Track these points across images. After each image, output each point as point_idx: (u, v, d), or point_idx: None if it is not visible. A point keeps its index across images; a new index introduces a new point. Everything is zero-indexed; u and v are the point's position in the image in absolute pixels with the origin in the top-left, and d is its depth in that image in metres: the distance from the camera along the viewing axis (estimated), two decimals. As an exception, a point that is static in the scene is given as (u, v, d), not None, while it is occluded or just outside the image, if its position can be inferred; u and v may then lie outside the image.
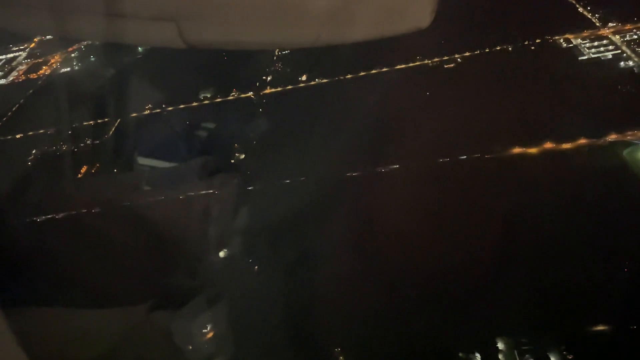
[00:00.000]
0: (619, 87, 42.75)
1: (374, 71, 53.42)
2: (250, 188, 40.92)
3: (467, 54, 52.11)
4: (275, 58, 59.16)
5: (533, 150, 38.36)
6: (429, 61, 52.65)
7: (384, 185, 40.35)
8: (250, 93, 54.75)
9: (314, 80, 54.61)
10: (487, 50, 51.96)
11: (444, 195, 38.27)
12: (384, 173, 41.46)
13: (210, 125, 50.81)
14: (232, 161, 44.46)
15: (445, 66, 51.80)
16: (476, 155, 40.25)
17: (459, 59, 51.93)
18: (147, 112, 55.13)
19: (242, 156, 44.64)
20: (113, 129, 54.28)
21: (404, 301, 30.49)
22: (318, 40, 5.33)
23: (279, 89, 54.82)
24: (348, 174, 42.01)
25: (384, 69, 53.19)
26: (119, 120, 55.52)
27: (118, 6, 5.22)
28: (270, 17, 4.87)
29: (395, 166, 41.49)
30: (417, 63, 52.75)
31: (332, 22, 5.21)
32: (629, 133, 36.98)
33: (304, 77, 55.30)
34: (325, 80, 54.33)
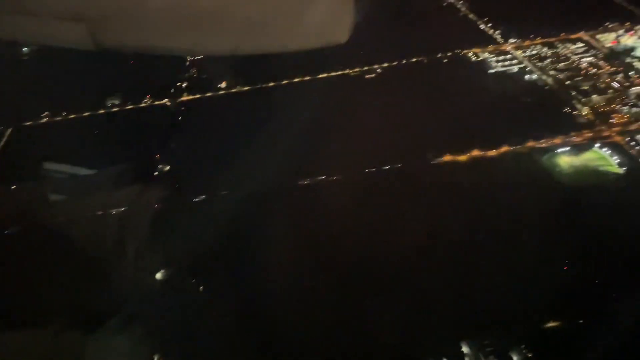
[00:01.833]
0: (526, 98, 46.68)
1: (296, 80, 52.90)
2: (179, 201, 38.40)
3: (386, 64, 53.70)
4: (188, 64, 56.13)
5: (462, 158, 40.21)
6: (351, 71, 53.42)
7: (312, 196, 39.84)
8: (166, 100, 51.26)
9: (235, 88, 52.67)
10: (404, 61, 54.02)
11: (376, 206, 38.52)
12: (309, 184, 40.86)
13: (125, 133, 47.14)
14: (156, 173, 41.20)
15: (366, 76, 52.91)
16: (399, 165, 41.03)
17: (378, 70, 53.33)
18: (45, 119, 49.38)
19: (167, 168, 41.46)
20: (4, 140, 48.00)
21: (362, 310, 30.12)
22: (237, 50, 5.42)
23: (197, 95, 52.06)
24: (277, 185, 40.79)
25: (307, 78, 52.98)
26: (10, 130, 49.15)
27: (24, 4, 4.84)
28: (188, 24, 4.74)
29: (321, 177, 41.13)
30: (339, 73, 53.31)
31: (251, 33, 5.25)
32: (544, 140, 40.36)
33: (223, 84, 53.08)
34: (246, 88, 52.66)
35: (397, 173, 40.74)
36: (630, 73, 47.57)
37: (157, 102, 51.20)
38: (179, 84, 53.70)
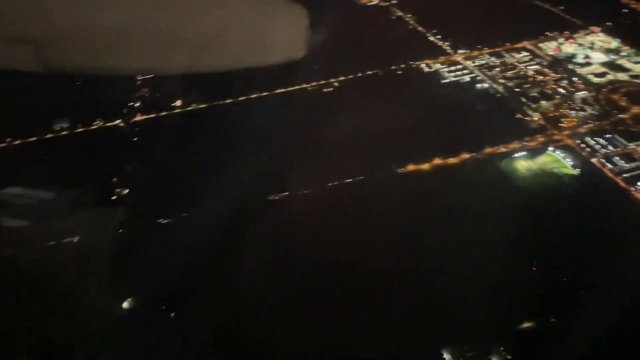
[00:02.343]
0: (480, 106, 48.21)
1: (254, 96, 52.45)
2: (142, 225, 36.87)
3: (343, 78, 54.21)
4: (139, 83, 54.57)
5: (426, 167, 40.89)
6: (308, 86, 53.54)
7: (279, 213, 39.34)
8: (119, 121, 49.47)
9: (191, 106, 51.58)
10: (360, 75, 54.73)
11: (344, 219, 38.40)
12: (275, 201, 40.37)
13: (77, 157, 45.02)
14: (114, 197, 39.48)
15: (324, 90, 53.16)
16: (362, 178, 41.20)
17: (335, 84, 53.73)
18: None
19: (126, 191, 39.83)
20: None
21: (341, 322, 29.77)
22: (192, 68, 5.30)
23: (151, 115, 50.56)
24: (242, 202, 39.98)
25: (265, 94, 52.64)
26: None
27: None
28: (140, 43, 4.64)
29: (285, 194, 40.72)
30: (297, 87, 53.30)
31: (207, 51, 5.17)
32: (502, 146, 41.70)
33: (178, 103, 51.86)
34: (203, 106, 51.67)
35: (361, 185, 40.88)
36: (573, 79, 50.12)
37: (109, 124, 49.35)
38: (131, 104, 52.09)
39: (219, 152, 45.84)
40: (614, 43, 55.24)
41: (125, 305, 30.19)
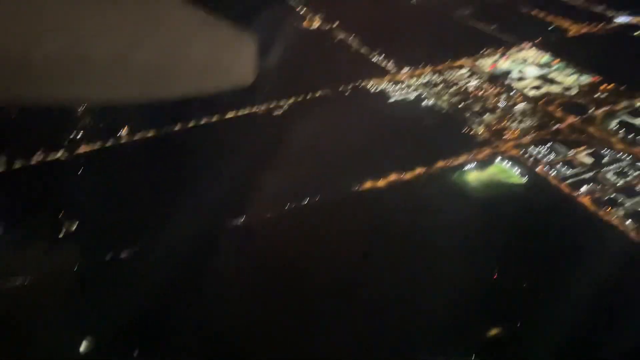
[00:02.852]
0: (428, 122, 49.79)
1: (203, 121, 51.66)
2: (95, 262, 35.02)
3: (292, 100, 54.50)
4: (80, 112, 52.52)
5: (381, 184, 41.52)
6: (257, 109, 53.40)
7: (235, 240, 38.68)
8: (61, 153, 47.14)
9: (138, 134, 50.03)
10: (308, 96, 55.23)
11: (303, 242, 38.13)
12: (231, 228, 39.64)
13: (18, 194, 42.41)
14: (62, 235, 37.38)
15: (274, 114, 53.19)
16: (318, 199, 41.28)
17: (285, 106, 53.92)
18: None
19: (74, 227, 37.84)
20: None
21: (310, 344, 29.36)
22: (139, 97, 5.17)
23: (96, 146, 48.59)
24: (198, 231, 38.98)
25: (214, 119, 51.95)
26: None
27: None
28: (82, 73, 4.39)
29: (241, 219, 40.11)
30: (247, 112, 53.02)
31: (154, 79, 5.08)
32: (453, 159, 43.08)
33: (124, 131, 50.19)
34: (151, 134, 50.26)
35: (318, 206, 40.90)
36: (511, 93, 52.86)
37: (50, 158, 46.92)
38: (73, 135, 49.91)
39: (171, 180, 44.66)
40: (545, 57, 58.88)
41: (83, 349, 28.40)
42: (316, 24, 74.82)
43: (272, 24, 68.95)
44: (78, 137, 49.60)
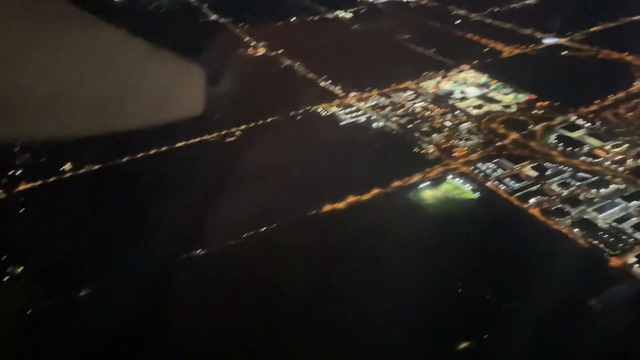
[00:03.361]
0: (379, 143, 50.85)
1: (152, 151, 50.24)
2: (44, 304, 32.72)
3: (244, 127, 54.18)
4: (18, 149, 49.72)
5: (341, 205, 41.72)
6: (209, 137, 52.62)
7: (192, 273, 37.51)
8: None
9: (83, 168, 47.91)
10: (260, 122, 55.11)
11: (265, 267, 37.65)
12: (187, 260, 38.47)
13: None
14: (7, 278, 34.82)
15: (227, 140, 52.59)
16: (276, 225, 40.86)
17: (237, 132, 53.48)
18: None
19: (20, 269, 35.38)
20: None
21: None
22: (85, 132, 5.14)
23: (37, 182, 46.02)
24: (154, 265, 37.53)
25: (164, 148, 50.65)
26: None
27: None
28: (22, 111, 4.43)
29: (198, 251, 39.02)
30: (198, 139, 52.11)
31: (100, 113, 5.11)
32: (407, 179, 44.06)
33: (67, 166, 47.89)
34: (97, 167, 48.25)
35: (278, 231, 40.42)
36: (456, 112, 55.01)
37: (-13, 197, 44.00)
38: (11, 172, 47.08)
39: (122, 214, 42.88)
40: (483, 78, 61.94)
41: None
42: (261, 51, 75.31)
43: (218, 53, 68.75)
44: (17, 174, 46.91)
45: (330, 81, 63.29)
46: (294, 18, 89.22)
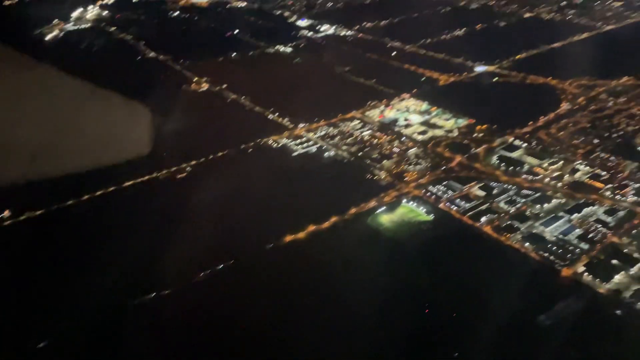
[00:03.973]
0: (333, 172, 51.55)
1: (99, 192, 48.12)
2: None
3: (194, 162, 53.26)
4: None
5: (301, 235, 41.66)
6: (159, 174, 51.20)
7: (147, 317, 35.96)
8: None
9: (23, 215, 45.05)
10: (211, 157, 54.38)
11: (223, 306, 36.62)
12: (141, 304, 36.90)
13: None
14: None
15: (178, 177, 51.37)
16: (232, 262, 40.07)
17: (188, 168, 52.46)
18: None
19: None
20: None
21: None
22: (26, 176, 5.79)
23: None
24: (105, 311, 35.65)
25: (111, 189, 48.62)
26: None
27: None
28: None
29: (152, 294, 37.46)
30: (147, 177, 50.53)
31: (43, 157, 5.76)
32: (364, 205, 44.81)
33: (5, 214, 44.83)
34: (39, 212, 45.49)
35: (235, 268, 39.53)
36: (402, 139, 56.95)
37: None
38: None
39: (70, 260, 40.56)
40: (424, 105, 64.70)
41: None
42: (204, 86, 74.85)
43: (161, 90, 67.93)
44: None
45: (277, 113, 63.79)
46: (234, 53, 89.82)
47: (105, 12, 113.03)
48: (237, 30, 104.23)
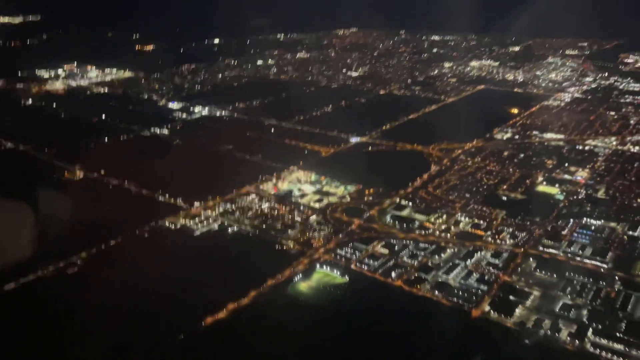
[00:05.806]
0: (241, 247, 50.89)
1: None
2: None
3: (85, 254, 48.69)
4: None
5: (222, 315, 40.06)
6: (46, 271, 45.66)
7: None
8: None
9: None
10: (103, 246, 50.19)
11: None
12: None
13: None
14: None
15: (69, 271, 46.26)
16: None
17: (78, 261, 47.70)
18: None
19: None
20: None
21: None
22: None
23: None
24: None
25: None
26: None
27: None
28: None
29: None
30: (32, 277, 44.63)
31: None
32: (279, 275, 44.84)
33: None
34: None
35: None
36: (301, 208, 58.78)
37: None
38: None
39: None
40: (313, 176, 67.92)
41: None
42: (79, 174, 69.86)
43: (33, 183, 62.56)
44: None
45: (168, 194, 61.81)
46: (106, 139, 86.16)
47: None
48: (103, 116, 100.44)
